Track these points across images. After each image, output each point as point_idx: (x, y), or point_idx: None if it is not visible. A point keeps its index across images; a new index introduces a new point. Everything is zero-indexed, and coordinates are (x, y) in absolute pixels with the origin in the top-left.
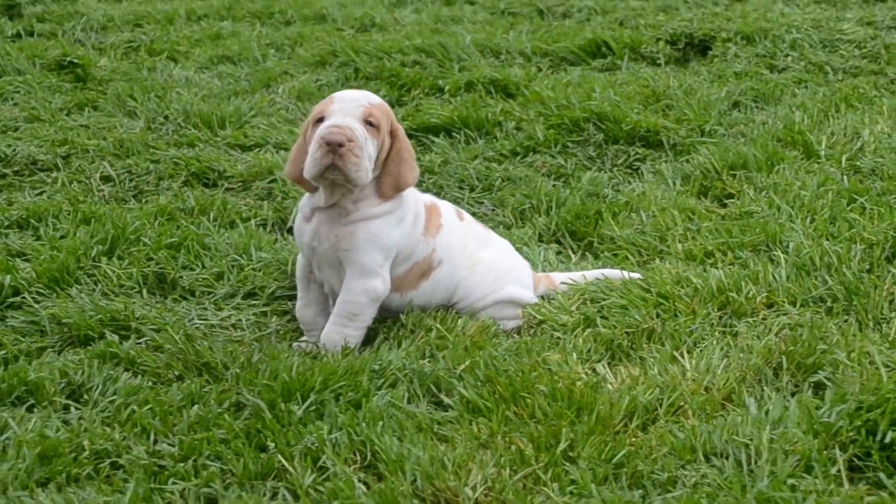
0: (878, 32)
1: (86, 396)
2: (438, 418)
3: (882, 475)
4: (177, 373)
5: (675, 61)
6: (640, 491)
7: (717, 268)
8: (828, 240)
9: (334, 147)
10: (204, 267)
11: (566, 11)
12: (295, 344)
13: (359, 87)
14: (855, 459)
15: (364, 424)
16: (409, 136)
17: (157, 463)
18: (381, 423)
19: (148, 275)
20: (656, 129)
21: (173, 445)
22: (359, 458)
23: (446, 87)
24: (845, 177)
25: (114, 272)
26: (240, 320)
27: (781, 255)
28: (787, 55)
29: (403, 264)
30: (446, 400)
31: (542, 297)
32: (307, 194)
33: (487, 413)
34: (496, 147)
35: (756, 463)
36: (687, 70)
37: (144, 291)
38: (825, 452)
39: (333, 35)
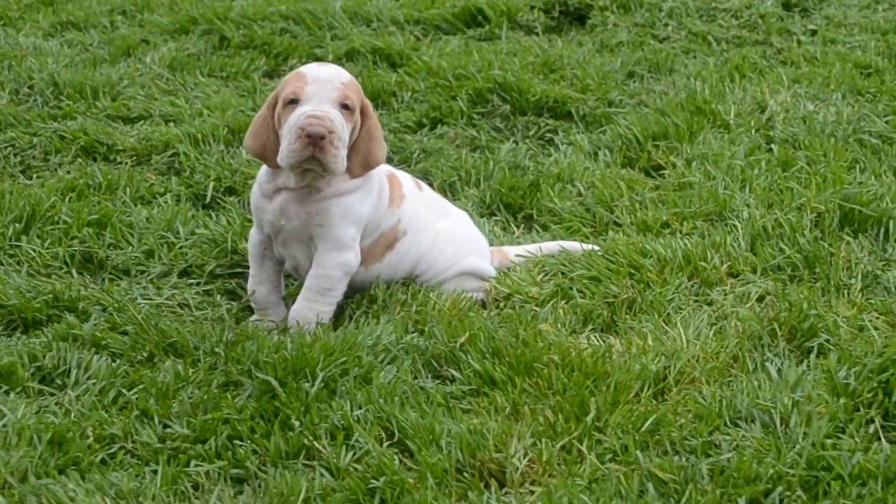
0: (753, 2)
1: (59, 381)
2: (455, 392)
3: None
4: (145, 354)
5: (551, 30)
6: (679, 457)
7: (675, 238)
8: (774, 209)
9: (315, 140)
10: (131, 245)
11: None
12: (250, 321)
13: (232, 57)
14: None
15: (382, 401)
16: None
17: (171, 447)
18: (396, 398)
19: (74, 254)
20: (564, 99)
21: (183, 427)
22: (384, 434)
23: (328, 57)
24: (773, 146)
25: (36, 251)
26: (186, 300)
27: (738, 225)
28: (666, 24)
29: (370, 237)
30: (455, 374)
31: (498, 271)
32: (264, 170)
33: (503, 386)
34: (400, 119)
35: (788, 425)
36: (566, 39)
37: (74, 271)
38: (857, 413)
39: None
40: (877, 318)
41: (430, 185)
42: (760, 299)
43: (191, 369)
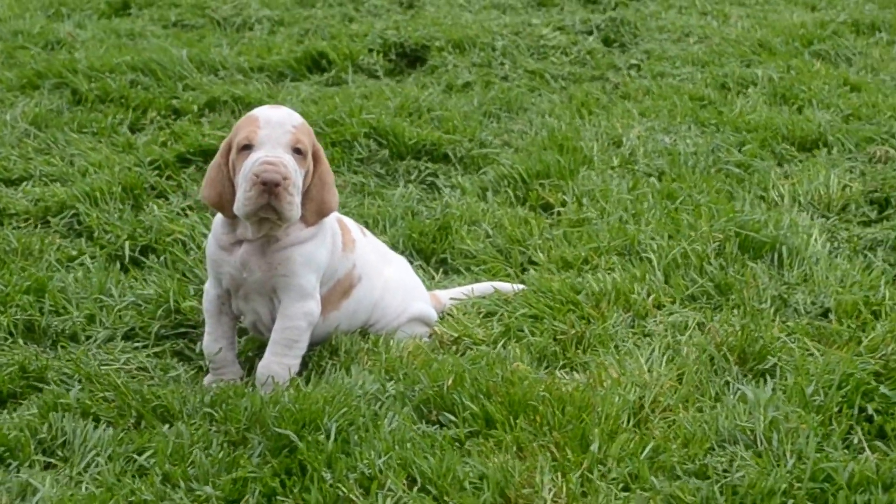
0: (577, 38)
1: (59, 452)
2: (458, 435)
3: (881, 444)
4: (132, 419)
5: (391, 73)
6: (689, 480)
7: (599, 273)
8: (677, 240)
9: (270, 187)
10: (69, 311)
11: (245, 22)
12: (206, 382)
13: (91, 111)
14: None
15: (398, 447)
16: (188, 162)
17: None
18: (408, 444)
19: (17, 323)
20: (439, 142)
21: (212, 489)
22: (405, 481)
23: (194, 108)
24: (654, 178)
25: None
26: (142, 364)
27: (652, 257)
28: (502, 63)
29: (326, 284)
30: (449, 417)
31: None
32: (220, 221)
33: (502, 425)
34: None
35: (771, 443)
36: (409, 81)
37: (20, 340)
38: (831, 427)
39: (22, 53)
40: (802, 339)
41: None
42: (700, 326)
43: (194, 431)
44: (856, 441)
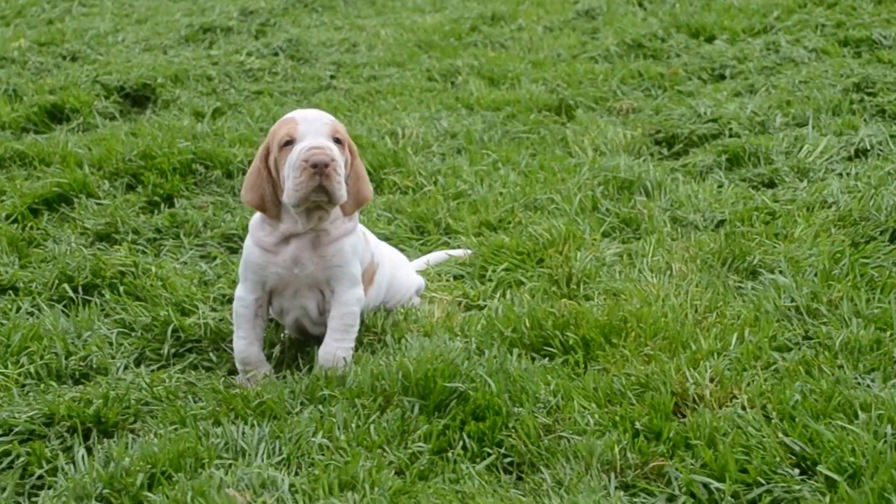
0: (274, 59)
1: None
2: (577, 360)
3: None
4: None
5: (126, 113)
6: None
7: (528, 228)
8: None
9: (320, 168)
10: (71, 353)
11: None
12: (238, 381)
13: None
14: None
15: (550, 378)
16: None
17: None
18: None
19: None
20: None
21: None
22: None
23: None
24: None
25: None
26: (187, 380)
27: (566, 206)
28: (225, 89)
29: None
30: (552, 351)
31: None
32: (258, 225)
33: (609, 347)
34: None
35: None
36: (154, 117)
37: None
38: None
39: None
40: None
41: None
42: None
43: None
44: None
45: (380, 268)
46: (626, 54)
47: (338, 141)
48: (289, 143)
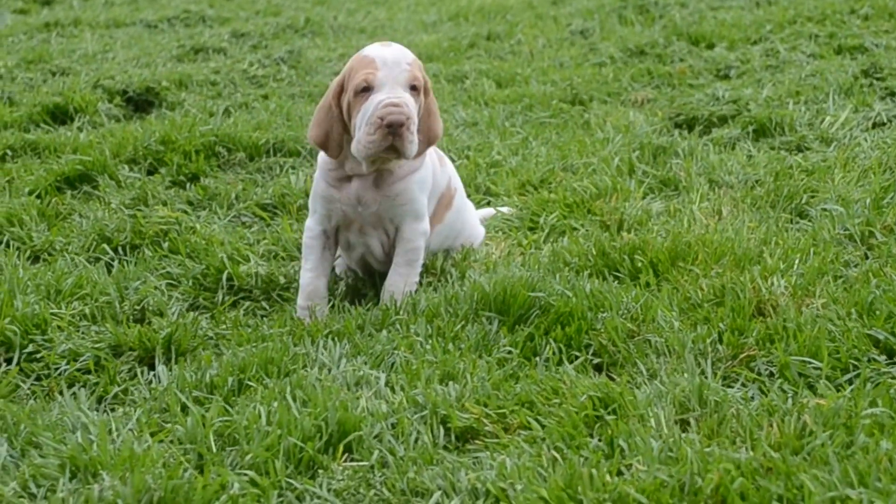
0: (276, 68)
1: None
2: (648, 282)
3: None
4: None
5: (130, 117)
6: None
7: (570, 185)
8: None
9: (395, 129)
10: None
11: None
12: (301, 313)
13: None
14: None
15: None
16: None
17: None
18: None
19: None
20: (283, 139)
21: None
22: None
23: None
24: (517, 134)
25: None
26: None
27: (604, 166)
28: (232, 94)
29: (432, 200)
30: (620, 275)
31: None
32: (325, 160)
33: (677, 270)
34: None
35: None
36: (152, 119)
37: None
38: None
39: None
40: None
41: None
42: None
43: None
44: None
45: (458, 192)
46: (630, 59)
47: (414, 88)
48: (365, 89)
